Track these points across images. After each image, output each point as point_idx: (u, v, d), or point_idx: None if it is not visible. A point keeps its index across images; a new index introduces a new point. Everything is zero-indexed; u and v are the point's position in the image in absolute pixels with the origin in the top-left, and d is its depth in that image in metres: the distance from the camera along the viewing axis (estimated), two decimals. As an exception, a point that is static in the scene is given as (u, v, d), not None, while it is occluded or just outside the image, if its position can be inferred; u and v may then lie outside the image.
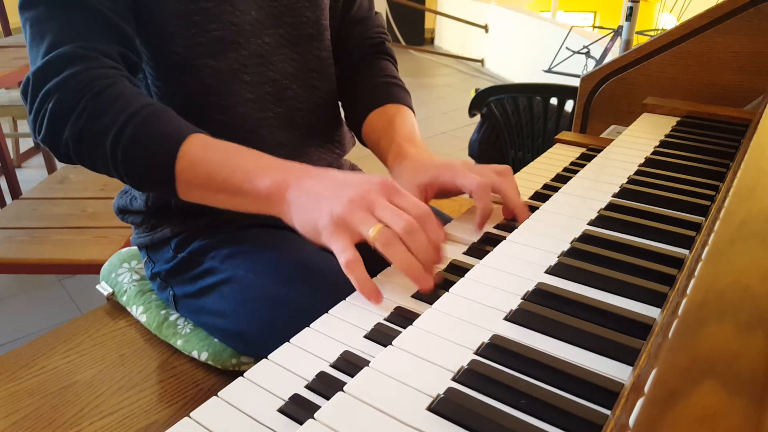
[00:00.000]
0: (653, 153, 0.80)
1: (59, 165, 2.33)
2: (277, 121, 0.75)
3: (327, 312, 0.49)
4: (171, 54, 0.67)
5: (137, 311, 0.79)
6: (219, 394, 0.40)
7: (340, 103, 0.86)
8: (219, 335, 0.72)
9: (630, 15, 1.54)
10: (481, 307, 0.46)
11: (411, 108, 0.82)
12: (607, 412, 0.36)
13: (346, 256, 0.50)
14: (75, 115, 0.58)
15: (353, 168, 0.91)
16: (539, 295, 0.48)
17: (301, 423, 0.36)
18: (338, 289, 0.51)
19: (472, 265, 0.53)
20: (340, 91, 0.85)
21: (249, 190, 0.56)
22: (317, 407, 0.37)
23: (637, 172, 0.73)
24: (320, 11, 0.77)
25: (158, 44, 0.67)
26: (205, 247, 0.72)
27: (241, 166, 0.57)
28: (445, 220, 0.71)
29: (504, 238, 0.58)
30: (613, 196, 0.66)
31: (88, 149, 0.59)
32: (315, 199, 0.53)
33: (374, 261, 0.53)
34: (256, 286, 0.66)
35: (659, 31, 2.68)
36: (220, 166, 0.57)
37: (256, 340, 0.66)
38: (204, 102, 0.70)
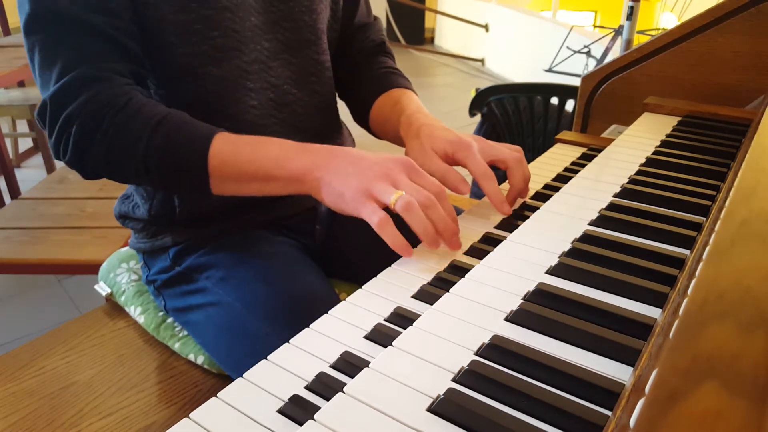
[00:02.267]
0: (654, 153, 0.80)
1: (58, 165, 2.33)
2: (280, 127, 0.75)
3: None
4: (173, 63, 0.68)
5: (135, 312, 0.79)
6: (218, 394, 0.40)
7: (344, 101, 0.89)
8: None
9: (631, 14, 1.54)
10: (481, 308, 0.46)
11: (414, 92, 0.85)
12: (608, 412, 0.36)
13: (377, 216, 0.55)
14: (99, 134, 0.61)
15: None
16: (540, 295, 0.48)
17: (300, 424, 0.36)
18: None
19: (473, 266, 0.53)
20: (344, 88, 0.87)
21: (280, 175, 0.61)
22: (317, 408, 0.37)
23: (638, 172, 0.73)
24: (317, 15, 0.78)
25: (160, 54, 0.67)
26: (202, 266, 0.72)
27: (269, 155, 0.61)
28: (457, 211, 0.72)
29: (504, 238, 0.58)
30: (613, 196, 0.66)
31: (118, 164, 0.62)
32: (343, 177, 0.58)
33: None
34: (240, 316, 0.66)
35: (660, 31, 2.68)
36: (249, 158, 0.61)
37: (225, 366, 0.69)
38: (207, 110, 0.70)
